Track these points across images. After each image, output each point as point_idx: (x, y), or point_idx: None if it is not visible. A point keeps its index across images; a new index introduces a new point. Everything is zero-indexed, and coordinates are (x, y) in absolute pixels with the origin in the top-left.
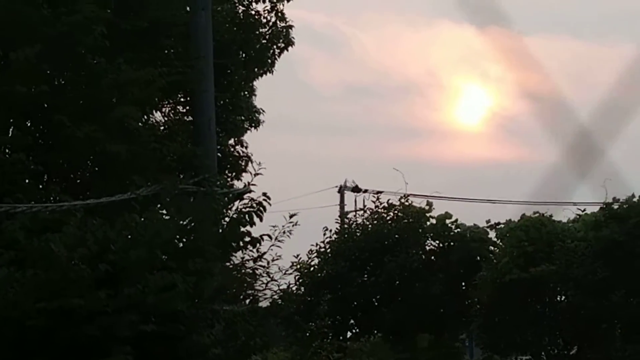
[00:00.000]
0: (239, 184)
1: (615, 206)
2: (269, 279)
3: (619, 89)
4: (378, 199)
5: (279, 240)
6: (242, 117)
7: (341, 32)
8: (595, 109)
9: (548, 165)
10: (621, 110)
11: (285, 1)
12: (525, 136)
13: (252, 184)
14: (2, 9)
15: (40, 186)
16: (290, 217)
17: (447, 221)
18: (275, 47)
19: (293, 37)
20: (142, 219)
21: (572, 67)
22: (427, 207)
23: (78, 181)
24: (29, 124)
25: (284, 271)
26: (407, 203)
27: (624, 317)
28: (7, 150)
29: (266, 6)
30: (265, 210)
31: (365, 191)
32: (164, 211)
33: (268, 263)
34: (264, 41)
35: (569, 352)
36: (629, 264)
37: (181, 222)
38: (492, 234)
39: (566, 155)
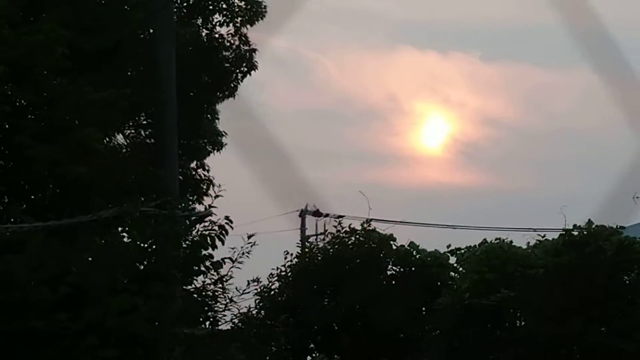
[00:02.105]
0: (200, 208)
1: (575, 233)
2: (227, 301)
3: None
4: (339, 223)
5: (238, 262)
6: (205, 141)
7: (303, 56)
8: None
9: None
10: None
11: (249, 25)
12: (484, 162)
13: (213, 207)
14: None
15: (1, 207)
16: (249, 237)
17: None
18: (238, 70)
19: (256, 61)
20: (103, 242)
21: (533, 95)
22: (390, 234)
23: (39, 202)
24: None
25: (241, 291)
26: (369, 228)
27: (582, 343)
28: None
29: (230, 30)
30: (227, 233)
31: (327, 215)
32: (125, 234)
33: (223, 283)
34: (227, 65)
35: None
36: (587, 291)
37: (143, 245)
38: (452, 259)
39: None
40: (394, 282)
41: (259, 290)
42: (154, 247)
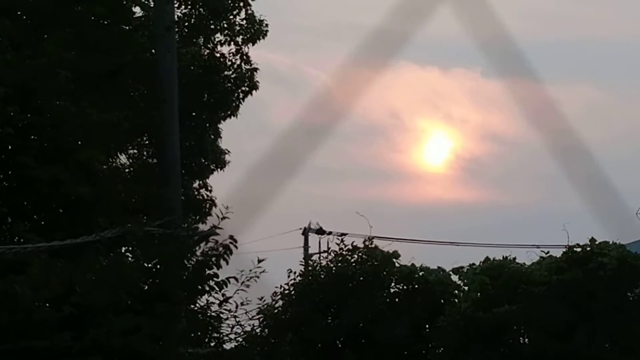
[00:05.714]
0: (203, 227)
1: (578, 249)
2: (234, 323)
3: None
4: (342, 241)
5: (246, 285)
6: (208, 160)
7: (304, 73)
8: None
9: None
10: None
11: (250, 44)
12: (487, 178)
13: (219, 227)
14: None
15: (4, 227)
16: (259, 261)
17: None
18: (240, 90)
19: (257, 81)
20: (107, 261)
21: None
22: (395, 251)
23: (42, 222)
24: None
25: (250, 316)
26: (371, 246)
27: (586, 358)
28: None
29: (231, 49)
30: (231, 253)
31: (330, 233)
32: (129, 254)
33: (237, 307)
34: (229, 84)
35: None
36: (590, 307)
37: (146, 264)
38: (455, 277)
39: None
40: (397, 299)
41: (262, 308)
42: (157, 266)
